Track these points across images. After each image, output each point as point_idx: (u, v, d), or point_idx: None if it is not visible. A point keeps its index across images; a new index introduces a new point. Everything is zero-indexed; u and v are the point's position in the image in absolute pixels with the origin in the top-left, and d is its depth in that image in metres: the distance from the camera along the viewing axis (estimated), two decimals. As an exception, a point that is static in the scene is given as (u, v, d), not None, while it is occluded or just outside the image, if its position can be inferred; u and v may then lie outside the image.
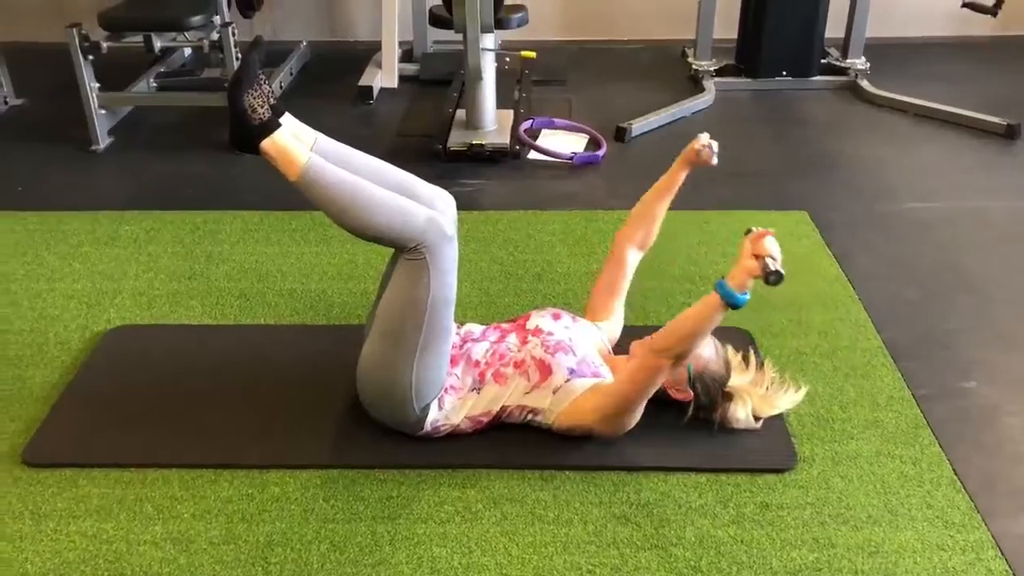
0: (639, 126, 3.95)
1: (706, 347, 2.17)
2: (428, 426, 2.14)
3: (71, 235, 3.16)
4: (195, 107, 4.16)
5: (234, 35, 3.79)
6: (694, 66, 4.53)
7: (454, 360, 2.17)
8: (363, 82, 4.41)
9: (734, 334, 2.47)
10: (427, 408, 2.12)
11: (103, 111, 3.89)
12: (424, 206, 2.10)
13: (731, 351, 2.26)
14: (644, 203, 2.37)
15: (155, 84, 4.27)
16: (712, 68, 4.50)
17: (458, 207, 2.30)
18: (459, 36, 3.63)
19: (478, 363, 2.17)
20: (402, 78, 4.56)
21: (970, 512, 2.00)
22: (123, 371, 2.45)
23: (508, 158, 3.71)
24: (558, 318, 2.28)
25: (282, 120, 2.08)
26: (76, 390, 2.38)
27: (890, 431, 2.23)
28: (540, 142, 3.82)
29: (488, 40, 3.66)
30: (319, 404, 2.30)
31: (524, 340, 2.21)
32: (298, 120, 2.16)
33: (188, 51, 4.64)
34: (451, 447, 2.16)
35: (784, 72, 4.43)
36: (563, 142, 3.86)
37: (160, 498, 2.05)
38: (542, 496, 2.05)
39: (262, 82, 2.06)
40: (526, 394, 2.15)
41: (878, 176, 3.57)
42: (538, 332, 2.21)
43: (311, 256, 3.02)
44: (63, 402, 2.33)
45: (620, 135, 3.90)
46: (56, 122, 4.10)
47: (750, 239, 1.91)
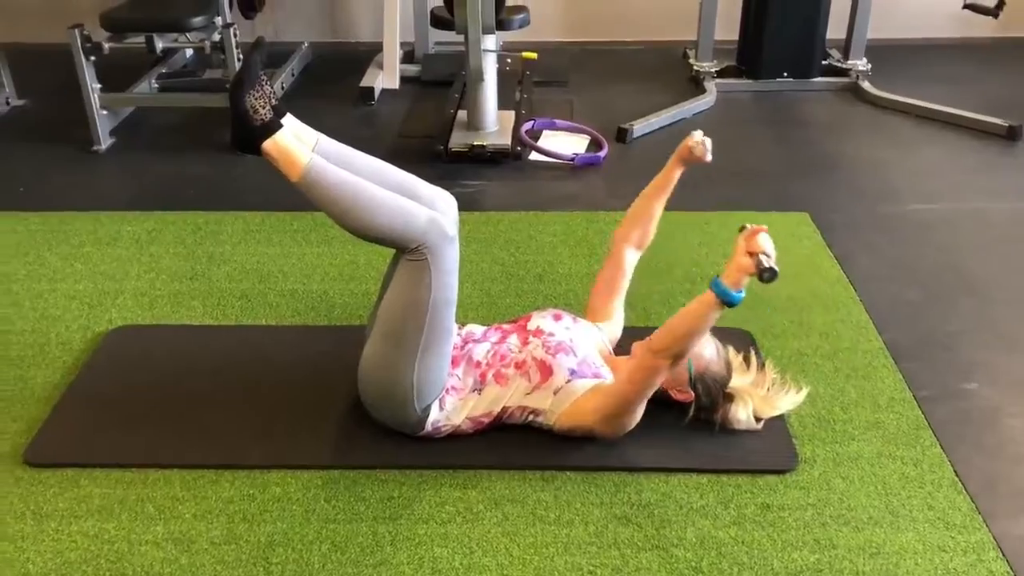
0: (640, 127, 3.95)
1: (707, 348, 2.17)
2: (429, 427, 2.14)
3: (73, 235, 3.16)
4: (197, 108, 4.16)
5: (236, 36, 3.80)
6: (695, 67, 4.53)
7: (455, 361, 2.17)
8: (364, 83, 4.42)
9: (735, 335, 2.47)
10: (428, 409, 2.12)
11: (105, 112, 3.90)
12: (425, 207, 2.10)
13: (732, 352, 2.26)
14: (640, 202, 2.37)
15: (157, 85, 4.28)
16: (713, 69, 4.50)
17: (459, 208, 2.30)
18: (460, 37, 3.63)
19: (479, 364, 2.17)
20: (403, 79, 4.56)
21: (971, 513, 2.00)
22: (125, 371, 2.45)
23: (509, 159, 3.71)
24: (559, 319, 2.28)
25: (284, 121, 2.08)
26: (78, 390, 2.38)
27: (891, 432, 2.23)
28: (541, 143, 3.82)
29: (489, 41, 3.66)
30: (320, 405, 2.30)
31: (525, 341, 2.21)
32: (300, 121, 2.17)
33: (190, 52, 4.64)
34: (452, 448, 2.16)
35: (785, 73, 4.43)
36: (564, 143, 3.86)
37: (161, 498, 2.05)
38: (543, 497, 2.05)
39: (264, 83, 2.06)
40: (527, 395, 2.15)
41: (879, 177, 3.57)
42: (539, 333, 2.22)
43: (313, 257, 3.02)
44: (65, 402, 2.33)
45: (621, 136, 3.90)
46: (58, 123, 4.10)
47: (744, 236, 1.91)
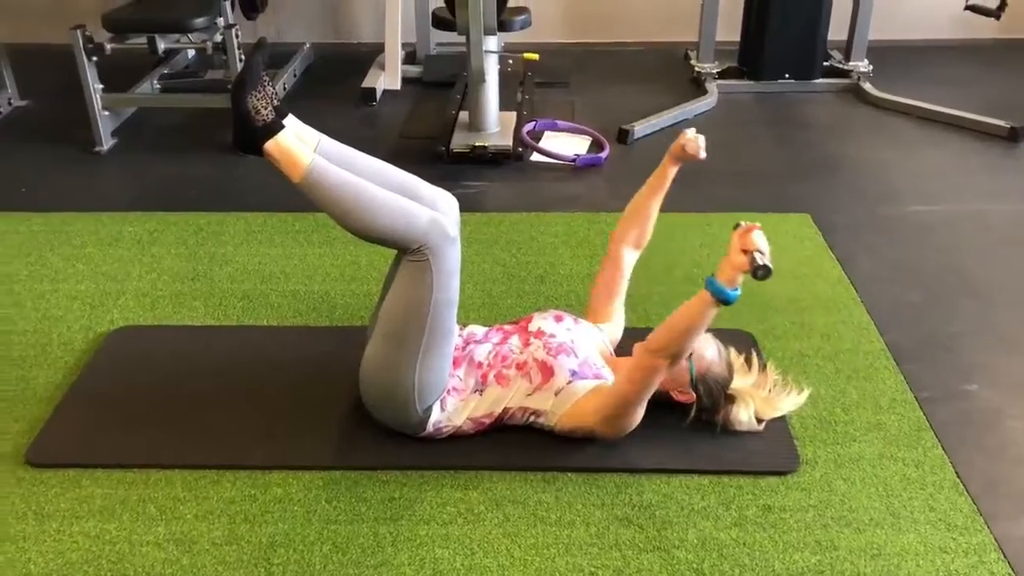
0: (642, 128, 3.95)
1: (709, 349, 2.17)
2: (430, 427, 2.14)
3: (75, 236, 3.16)
4: (199, 109, 4.16)
5: (238, 37, 3.80)
6: (697, 68, 4.53)
7: (456, 362, 2.17)
8: (366, 84, 4.42)
9: (736, 336, 2.47)
10: (430, 409, 2.12)
11: (107, 112, 3.90)
12: (427, 208, 2.10)
13: (734, 353, 2.26)
14: (636, 202, 2.37)
15: (159, 86, 4.28)
16: (715, 70, 4.50)
17: (461, 209, 2.30)
18: (462, 38, 3.63)
19: (480, 365, 2.17)
20: (405, 80, 4.56)
21: (972, 515, 2.00)
22: (126, 372, 2.46)
23: (511, 160, 3.71)
24: (560, 320, 2.28)
25: (285, 122, 2.08)
26: (79, 391, 2.38)
27: (892, 434, 2.23)
28: (543, 144, 3.82)
29: (491, 42, 3.66)
30: (322, 405, 2.30)
31: (526, 342, 2.21)
32: (301, 122, 2.17)
33: (192, 53, 4.65)
34: (453, 448, 2.16)
35: (787, 74, 4.42)
36: (566, 144, 3.86)
37: (163, 499, 2.05)
38: (544, 498, 2.05)
39: (266, 84, 2.06)
40: (528, 396, 2.15)
41: (881, 179, 3.57)
42: (540, 334, 2.22)
43: (314, 258, 3.02)
44: (66, 403, 2.33)
45: (623, 137, 3.90)
46: (60, 123, 4.10)
47: (738, 234, 1.91)
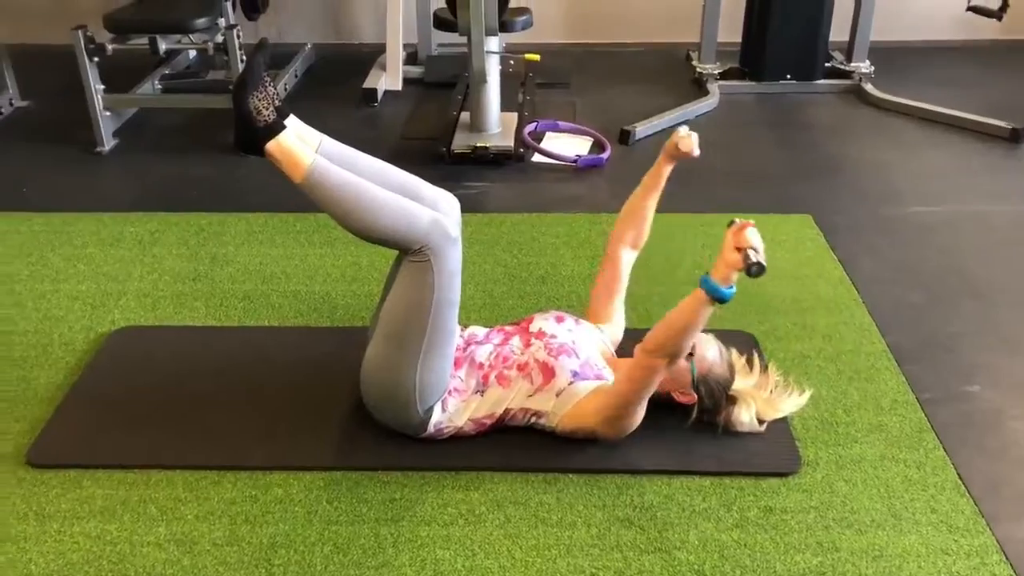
0: (643, 129, 3.95)
1: (710, 350, 2.17)
2: (432, 428, 2.14)
3: (76, 236, 3.16)
4: (200, 109, 4.16)
5: (239, 37, 3.80)
6: (698, 69, 4.53)
7: (458, 362, 2.17)
8: (367, 84, 4.42)
9: (738, 337, 2.47)
10: (431, 410, 2.12)
11: (108, 113, 3.90)
12: (428, 208, 2.10)
13: (735, 354, 2.26)
14: (632, 202, 2.38)
15: (160, 86, 4.28)
16: (716, 71, 4.50)
17: (462, 209, 2.30)
18: (463, 39, 3.63)
19: (482, 365, 2.17)
20: (406, 81, 4.56)
21: (974, 516, 1.99)
22: (127, 372, 2.45)
23: (512, 161, 3.71)
24: (561, 321, 2.27)
25: (287, 122, 2.08)
26: (80, 391, 2.38)
27: (894, 435, 2.23)
28: (544, 145, 3.82)
29: (492, 43, 3.67)
30: (323, 406, 2.30)
31: (527, 343, 2.21)
32: (303, 122, 2.17)
33: (193, 53, 4.65)
34: (454, 449, 2.16)
35: (788, 75, 4.42)
36: (567, 145, 3.85)
37: (164, 499, 2.05)
38: (545, 499, 2.05)
39: (267, 84, 2.06)
40: (529, 397, 2.15)
41: (882, 180, 3.56)
42: (541, 335, 2.21)
43: (315, 258, 3.02)
44: (67, 403, 2.33)
45: (624, 138, 3.90)
46: (61, 124, 4.10)
47: (732, 232, 1.90)
